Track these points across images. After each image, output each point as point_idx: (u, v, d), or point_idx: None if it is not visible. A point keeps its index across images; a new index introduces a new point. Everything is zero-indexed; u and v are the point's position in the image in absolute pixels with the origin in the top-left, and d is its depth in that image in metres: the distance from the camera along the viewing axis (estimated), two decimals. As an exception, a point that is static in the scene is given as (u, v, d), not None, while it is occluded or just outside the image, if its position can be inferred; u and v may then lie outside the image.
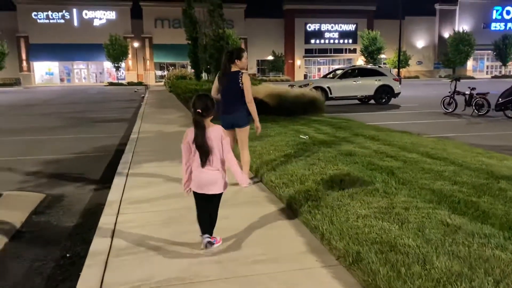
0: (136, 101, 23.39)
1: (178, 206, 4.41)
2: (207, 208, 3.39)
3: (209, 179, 3.26)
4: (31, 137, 10.57)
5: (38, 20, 54.52)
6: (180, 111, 15.41)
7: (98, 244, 3.55)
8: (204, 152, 3.20)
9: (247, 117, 5.01)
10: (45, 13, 54.72)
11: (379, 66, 20.86)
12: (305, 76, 62.14)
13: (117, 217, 4.16)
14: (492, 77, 60.23)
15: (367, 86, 18.30)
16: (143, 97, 25.28)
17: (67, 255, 3.74)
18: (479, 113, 13.49)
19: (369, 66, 24.44)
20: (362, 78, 18.52)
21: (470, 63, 64.04)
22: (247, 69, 5.41)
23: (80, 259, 3.55)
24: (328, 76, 20.25)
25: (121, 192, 4.99)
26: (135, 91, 33.56)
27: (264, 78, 53.98)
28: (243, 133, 5.06)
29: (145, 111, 15.84)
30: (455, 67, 61.31)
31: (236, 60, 4.90)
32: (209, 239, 3.36)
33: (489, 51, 62.88)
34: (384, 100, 18.46)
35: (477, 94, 13.89)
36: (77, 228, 4.38)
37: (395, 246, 3.02)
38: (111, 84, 50.85)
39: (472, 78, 57.72)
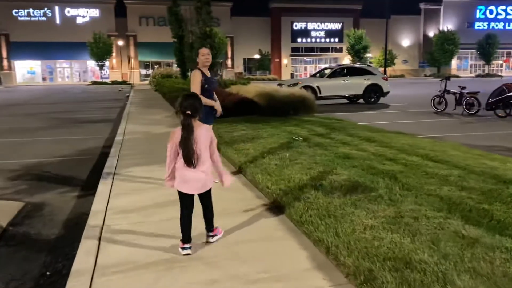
0: (120, 100, 22.87)
1: (167, 215, 4.10)
2: (192, 209, 3.34)
3: (197, 179, 3.23)
4: (12, 139, 10.09)
5: (19, 18, 53.25)
6: (166, 111, 15.01)
7: (82, 261, 3.21)
8: (190, 154, 3.15)
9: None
10: (26, 11, 53.46)
11: (368, 65, 20.68)
12: (292, 75, 62.01)
13: (102, 229, 3.83)
14: (476, 76, 61.00)
15: (356, 85, 18.14)
16: (128, 96, 24.74)
17: (47, 273, 3.40)
18: (470, 112, 13.42)
19: (357, 65, 24.28)
20: (351, 77, 18.35)
21: (454, 62, 64.73)
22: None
23: (61, 278, 3.22)
24: (317, 75, 20.04)
25: (106, 200, 4.65)
26: (120, 90, 32.94)
27: (250, 77, 53.65)
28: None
29: (130, 111, 15.40)
30: (440, 66, 61.86)
31: (196, 58, 5.00)
32: (189, 252, 3.27)
33: (473, 50, 63.54)
34: (373, 99, 18.32)
35: (467, 93, 13.81)
36: (58, 241, 4.03)
37: (410, 263, 2.77)
38: (94, 83, 49.94)
39: (457, 76, 58.35)
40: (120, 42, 53.37)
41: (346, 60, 59.71)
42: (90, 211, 4.29)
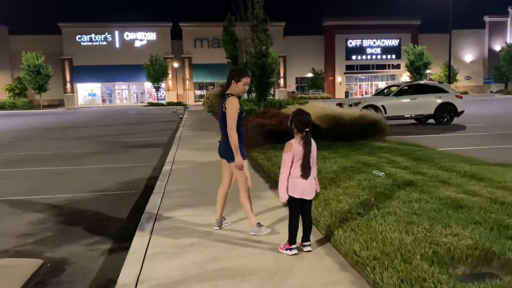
0: (174, 122, 22.42)
1: (220, 297, 2.89)
2: (302, 213, 3.67)
3: (311, 186, 3.60)
4: (53, 167, 9.43)
5: (82, 43, 55.82)
6: (219, 134, 14.05)
7: None
8: (309, 167, 3.56)
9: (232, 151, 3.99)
10: (88, 36, 56.00)
11: (439, 82, 18.80)
12: (346, 93, 60.17)
13: (126, 320, 2.68)
14: (551, 92, 56.06)
15: (427, 104, 16.37)
16: (181, 118, 24.33)
17: None
18: None
19: (423, 82, 22.32)
20: (420, 95, 16.60)
21: (524, 78, 59.98)
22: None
23: None
24: (382, 93, 18.41)
25: (139, 264, 3.52)
26: (174, 112, 32.87)
27: (303, 95, 52.54)
28: (234, 170, 4.16)
29: (182, 135, 14.62)
30: (508, 81, 57.56)
31: (232, 81, 4.09)
32: (296, 251, 3.62)
33: (545, 64, 58.67)
34: (446, 120, 16.45)
35: None
36: (69, 331, 2.92)
37: None
38: (151, 104, 50.92)
39: (530, 93, 53.91)
40: (176, 64, 54.32)
41: (405, 77, 57.08)
42: (116, 285, 3.17)
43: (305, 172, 3.52)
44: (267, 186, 6.25)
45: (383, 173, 5.76)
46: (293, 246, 3.61)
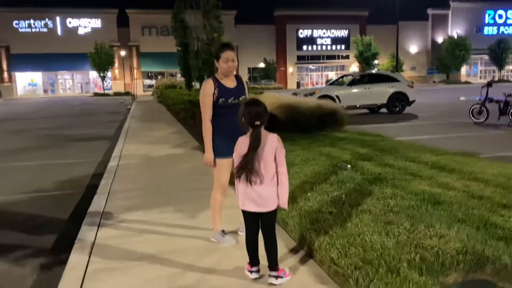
0: (121, 113, 21.26)
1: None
2: (257, 230, 2.90)
3: (258, 195, 2.78)
4: (-16, 165, 8.41)
5: (20, 29, 52.20)
6: (171, 125, 13.34)
7: None
8: (248, 169, 2.75)
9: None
10: (26, 22, 52.41)
11: (391, 71, 19.01)
12: (298, 84, 60.53)
13: None
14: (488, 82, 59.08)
15: (380, 93, 16.44)
16: (129, 108, 23.16)
17: None
18: (519, 123, 11.67)
19: (374, 71, 22.60)
20: (373, 84, 16.65)
21: (464, 68, 63.05)
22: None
23: None
24: (335, 83, 18.33)
25: (78, 285, 2.91)
26: (121, 102, 31.39)
27: (256, 86, 52.21)
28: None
29: (130, 126, 13.74)
30: (450, 72, 60.22)
31: (215, 60, 3.47)
32: (256, 275, 2.91)
33: (483, 56, 62.12)
34: (398, 109, 16.64)
35: (515, 101, 12.08)
36: None
37: None
38: (96, 94, 48.62)
39: (469, 83, 56.70)
40: (123, 53, 52.11)
41: (354, 67, 58.19)
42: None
43: (241, 173, 2.76)
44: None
45: (349, 166, 5.41)
46: (253, 268, 2.90)
